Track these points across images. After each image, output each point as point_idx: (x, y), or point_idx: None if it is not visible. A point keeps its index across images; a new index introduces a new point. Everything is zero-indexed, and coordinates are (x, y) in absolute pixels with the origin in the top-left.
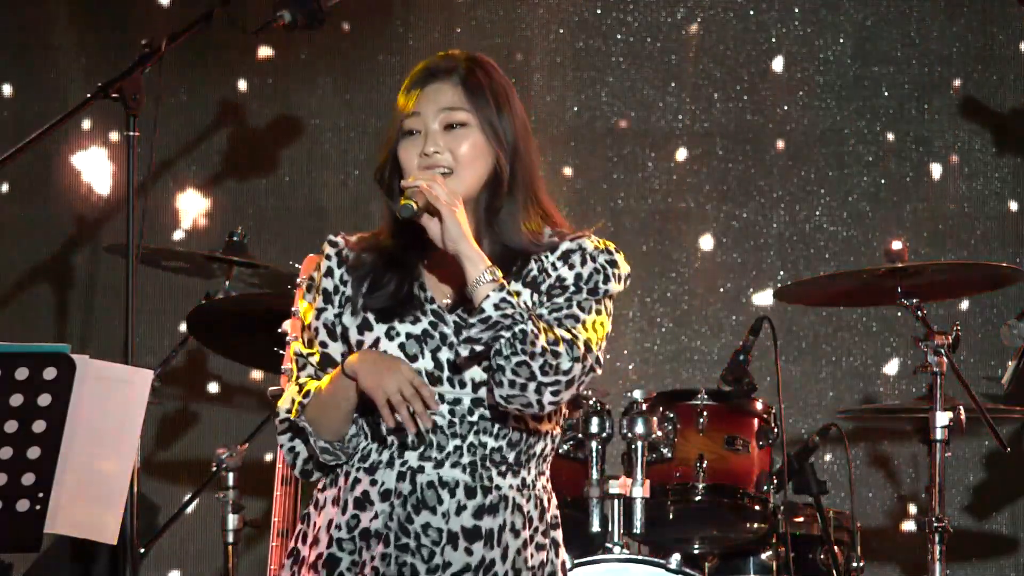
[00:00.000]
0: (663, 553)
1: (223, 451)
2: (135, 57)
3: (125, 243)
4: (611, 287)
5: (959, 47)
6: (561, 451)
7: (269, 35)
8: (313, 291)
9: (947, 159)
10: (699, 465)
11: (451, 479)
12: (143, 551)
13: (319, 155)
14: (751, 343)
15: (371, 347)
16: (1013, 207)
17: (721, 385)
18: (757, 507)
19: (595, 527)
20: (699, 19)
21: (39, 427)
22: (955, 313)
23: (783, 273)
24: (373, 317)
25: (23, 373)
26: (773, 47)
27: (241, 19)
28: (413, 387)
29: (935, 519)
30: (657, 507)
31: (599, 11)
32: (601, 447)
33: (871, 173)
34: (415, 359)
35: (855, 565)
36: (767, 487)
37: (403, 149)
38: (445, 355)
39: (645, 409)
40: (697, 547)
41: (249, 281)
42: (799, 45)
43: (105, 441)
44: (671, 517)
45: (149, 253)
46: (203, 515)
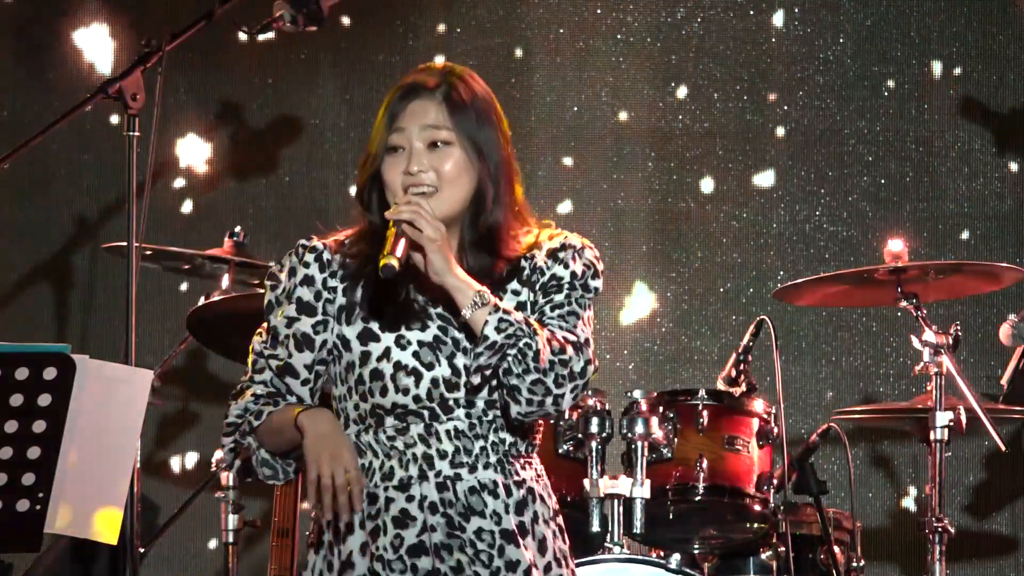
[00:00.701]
0: (663, 553)
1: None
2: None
3: (125, 243)
4: (599, 285)
5: (959, 47)
6: (561, 451)
7: (269, 35)
8: (283, 295)
9: (947, 159)
10: (699, 465)
11: (488, 481)
12: (143, 551)
13: (319, 155)
14: (751, 343)
15: (380, 358)
16: (1013, 207)
17: (721, 385)
18: (757, 507)
19: (595, 527)
20: (699, 19)
21: (39, 427)
22: (955, 313)
23: (783, 273)
24: (377, 326)
25: (23, 373)
26: (773, 46)
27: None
28: (343, 486)
29: (935, 519)
30: (657, 507)
31: (599, 11)
32: (601, 447)
33: (871, 173)
34: (431, 367)
35: (855, 565)
36: (767, 487)
37: (387, 166)
38: (461, 361)
39: (645, 409)
40: (697, 547)
41: (249, 281)
42: (799, 45)
43: (105, 441)
44: (671, 517)
45: (149, 253)
46: (203, 515)
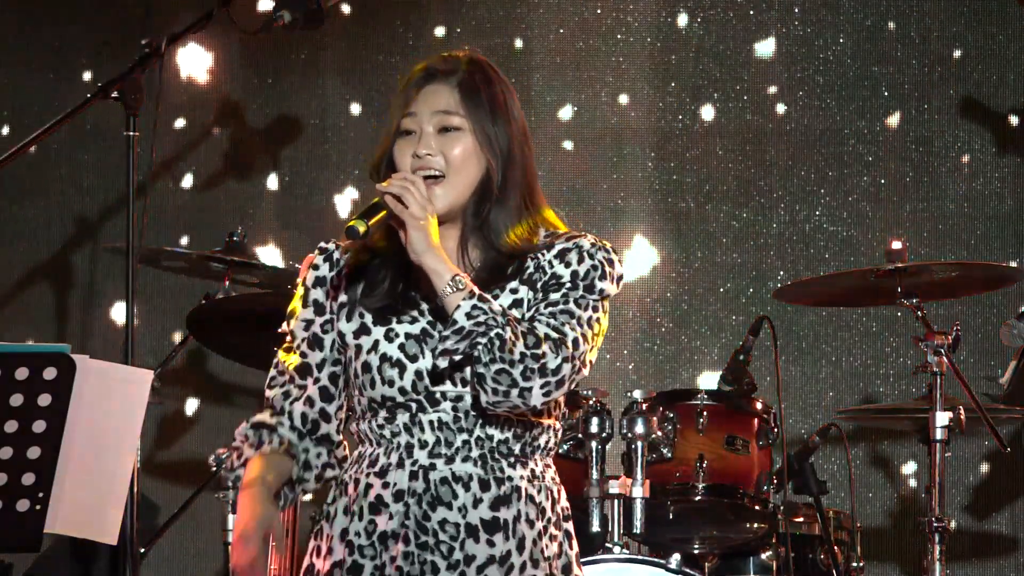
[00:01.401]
0: (663, 553)
1: (223, 451)
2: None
3: (125, 243)
4: (606, 286)
5: (959, 47)
6: (561, 451)
7: (269, 35)
8: (301, 300)
9: (947, 159)
10: (699, 465)
11: (464, 473)
12: (143, 551)
13: (319, 155)
14: (751, 343)
15: (369, 351)
16: (1013, 207)
17: (721, 385)
18: (757, 507)
19: (595, 527)
20: (699, 19)
21: (39, 427)
22: (955, 313)
23: (783, 273)
24: (370, 319)
25: (23, 373)
26: (773, 47)
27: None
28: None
29: (935, 519)
30: (657, 507)
31: (599, 11)
32: (601, 447)
33: (871, 173)
34: (415, 359)
35: (855, 565)
36: (767, 487)
37: (398, 148)
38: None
39: (645, 409)
40: (697, 547)
41: (249, 281)
42: (799, 45)
43: (105, 441)
44: (671, 517)
45: (149, 253)
46: (203, 515)
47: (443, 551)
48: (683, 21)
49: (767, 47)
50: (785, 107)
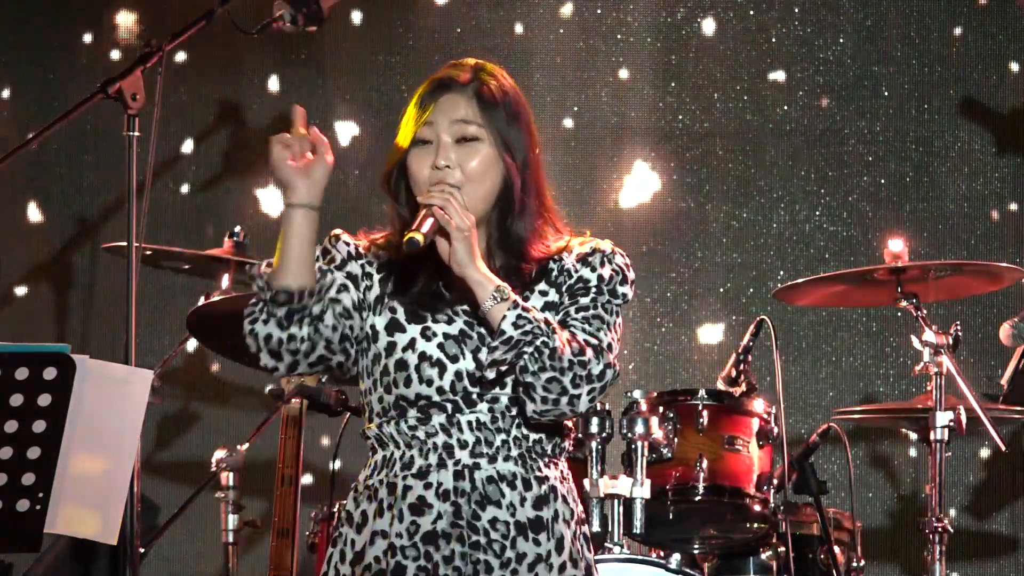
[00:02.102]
0: (663, 553)
1: (223, 451)
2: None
3: (125, 243)
4: (627, 291)
5: (959, 47)
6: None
7: (269, 35)
8: (332, 255)
9: (947, 159)
10: (699, 465)
11: (508, 472)
12: (143, 551)
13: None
14: (751, 343)
15: (405, 348)
16: (1013, 207)
17: (721, 385)
18: (757, 507)
19: (595, 527)
20: (699, 19)
21: (39, 427)
22: (955, 313)
23: (783, 273)
24: (404, 317)
25: (23, 373)
26: (773, 47)
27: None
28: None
29: (935, 519)
30: (657, 507)
31: (599, 11)
32: (601, 447)
33: (871, 173)
34: (456, 359)
35: (855, 565)
36: (767, 487)
37: (415, 158)
38: (485, 355)
39: (645, 409)
40: (697, 547)
41: (249, 281)
42: (799, 45)
43: (105, 441)
44: (671, 517)
45: (149, 253)
46: (203, 515)
47: (495, 550)
48: (683, 21)
49: (767, 48)
50: (785, 107)
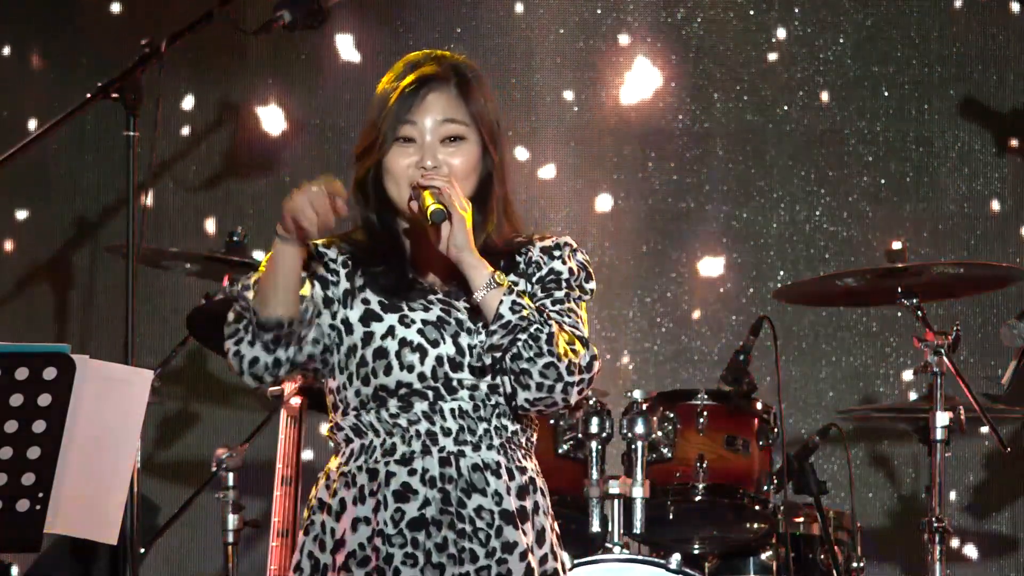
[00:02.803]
0: (663, 553)
1: (223, 451)
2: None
3: (125, 243)
4: (593, 285)
5: (959, 47)
6: (561, 451)
7: (269, 35)
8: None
9: (947, 159)
10: (699, 465)
11: (492, 461)
12: (143, 551)
13: (319, 155)
14: (751, 343)
15: (384, 336)
16: (1013, 207)
17: (721, 385)
18: (757, 507)
19: (595, 527)
20: (699, 19)
21: (39, 427)
22: (955, 313)
23: (783, 273)
24: (379, 307)
25: (23, 373)
26: (773, 47)
27: (241, 19)
28: (317, 190)
29: (935, 519)
30: (657, 507)
31: (599, 11)
32: (601, 447)
33: (871, 173)
34: (436, 344)
35: (855, 565)
36: (767, 487)
37: (396, 156)
38: (465, 340)
39: (645, 409)
40: (697, 547)
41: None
42: (799, 45)
43: (105, 441)
44: (671, 517)
45: (149, 253)
46: (203, 515)
47: (481, 539)
48: (683, 21)
49: (767, 47)
50: (785, 107)
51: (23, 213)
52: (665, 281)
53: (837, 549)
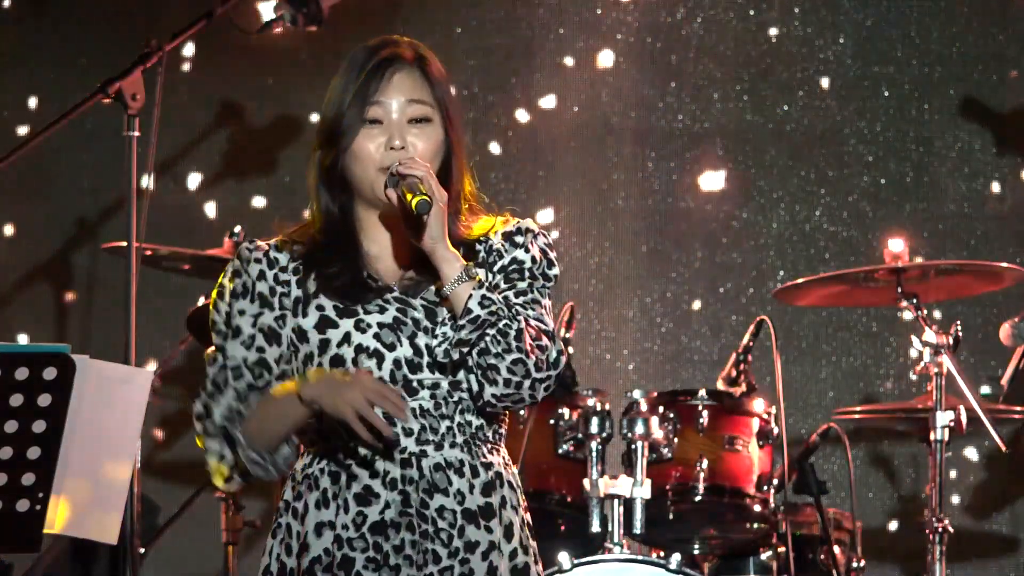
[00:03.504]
0: (663, 553)
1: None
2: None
3: (125, 243)
4: (556, 272)
5: (959, 47)
6: (561, 451)
7: (269, 35)
8: (239, 295)
9: (947, 159)
10: (699, 465)
11: (455, 459)
12: (143, 551)
13: None
14: (751, 343)
15: (340, 343)
16: (1013, 207)
17: (721, 385)
18: (757, 507)
19: (595, 527)
20: (699, 19)
21: (39, 427)
22: (955, 313)
23: (783, 273)
24: (334, 312)
25: (23, 373)
26: (773, 47)
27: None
28: (378, 391)
29: (935, 519)
30: (657, 507)
31: (599, 11)
32: (601, 447)
33: (871, 173)
34: (393, 347)
35: (855, 565)
36: (767, 487)
37: (363, 139)
38: (423, 340)
39: (645, 409)
40: (697, 547)
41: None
42: (799, 45)
43: (105, 441)
44: (671, 517)
45: (149, 253)
46: (203, 515)
47: (443, 539)
48: (683, 21)
49: (767, 47)
50: (785, 107)
51: (23, 213)
52: (665, 281)
53: (837, 549)
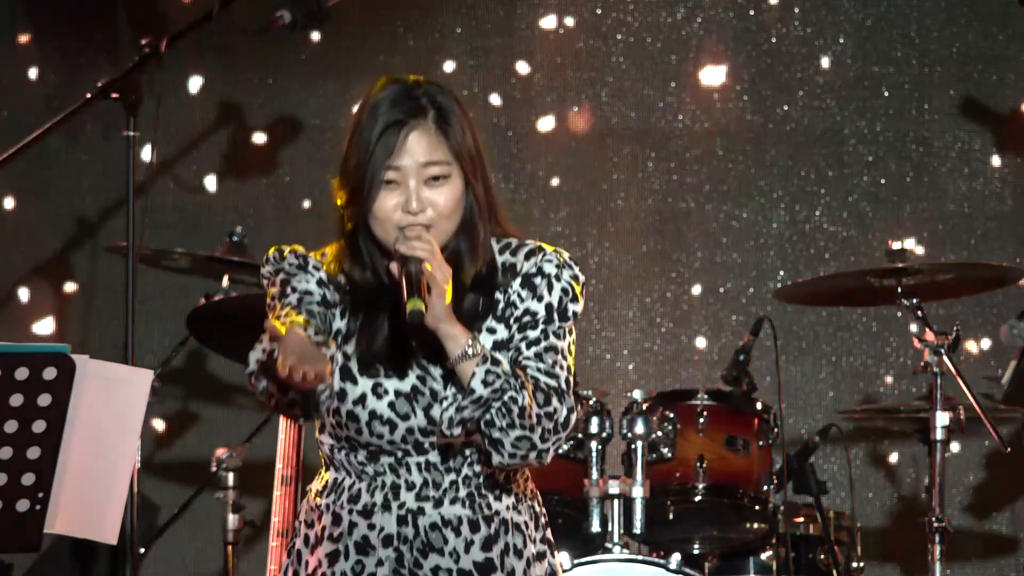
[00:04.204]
0: (663, 553)
1: (223, 451)
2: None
3: (125, 243)
4: (578, 308)
5: (959, 47)
6: (561, 451)
7: (269, 35)
8: (304, 280)
9: (947, 159)
10: (699, 465)
11: (453, 517)
12: (143, 551)
13: (319, 155)
14: (751, 343)
15: (356, 402)
16: (1013, 207)
17: (721, 385)
18: (757, 507)
19: (595, 527)
20: (699, 19)
21: (39, 427)
22: (955, 313)
23: (783, 273)
24: (356, 367)
25: (23, 373)
26: (773, 47)
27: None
28: (297, 366)
29: (935, 519)
30: (657, 507)
31: (599, 11)
32: (601, 447)
33: (871, 173)
34: (407, 418)
35: (855, 565)
36: (767, 487)
37: (382, 199)
38: (437, 411)
39: (645, 409)
40: (697, 547)
41: (249, 281)
42: (799, 45)
43: (105, 441)
44: (671, 517)
45: (149, 253)
46: (203, 515)
47: None
48: (683, 21)
49: (767, 47)
50: (785, 107)
51: (23, 212)
52: (665, 281)
53: (837, 549)
